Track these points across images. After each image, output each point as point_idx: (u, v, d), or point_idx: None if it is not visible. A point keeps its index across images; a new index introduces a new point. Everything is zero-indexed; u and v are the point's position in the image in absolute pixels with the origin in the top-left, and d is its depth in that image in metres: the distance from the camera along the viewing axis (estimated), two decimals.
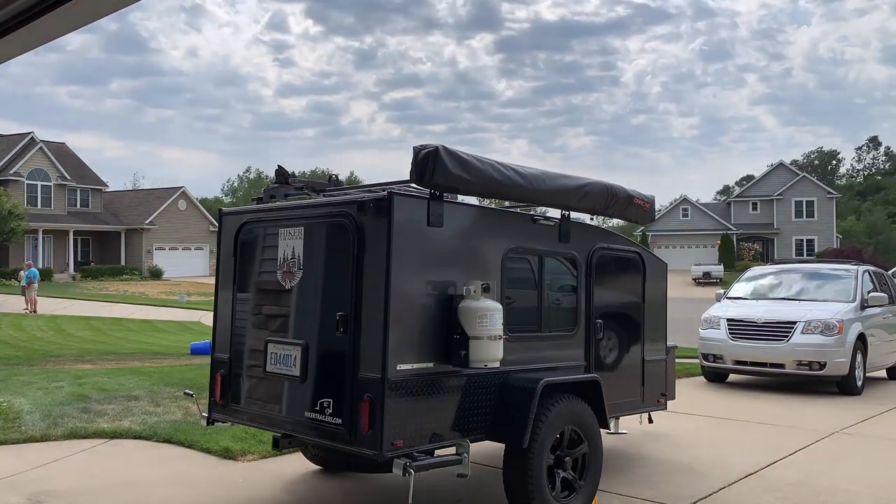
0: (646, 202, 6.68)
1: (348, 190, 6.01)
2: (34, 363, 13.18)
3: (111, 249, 52.60)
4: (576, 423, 5.37)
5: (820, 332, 10.82)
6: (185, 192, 56.75)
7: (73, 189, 50.29)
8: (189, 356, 14.68)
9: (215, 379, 5.69)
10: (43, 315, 26.05)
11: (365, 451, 4.56)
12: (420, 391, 4.68)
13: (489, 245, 5.22)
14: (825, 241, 64.58)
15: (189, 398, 7.75)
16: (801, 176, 68.54)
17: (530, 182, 5.40)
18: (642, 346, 6.74)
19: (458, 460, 4.72)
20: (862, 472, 6.74)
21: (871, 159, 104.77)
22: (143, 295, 38.76)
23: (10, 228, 40.51)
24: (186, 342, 17.52)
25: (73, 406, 8.29)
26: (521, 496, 4.99)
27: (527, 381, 5.14)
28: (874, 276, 12.61)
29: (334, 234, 4.94)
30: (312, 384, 4.92)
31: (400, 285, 4.59)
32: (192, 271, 54.26)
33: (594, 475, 5.48)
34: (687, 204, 69.50)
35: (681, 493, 5.97)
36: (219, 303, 5.82)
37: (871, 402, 10.45)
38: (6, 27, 3.12)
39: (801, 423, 8.77)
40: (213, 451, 6.83)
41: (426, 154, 4.73)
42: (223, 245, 5.83)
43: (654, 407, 6.97)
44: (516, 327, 5.36)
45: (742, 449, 7.46)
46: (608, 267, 6.37)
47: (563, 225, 5.88)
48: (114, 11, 3.11)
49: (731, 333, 11.42)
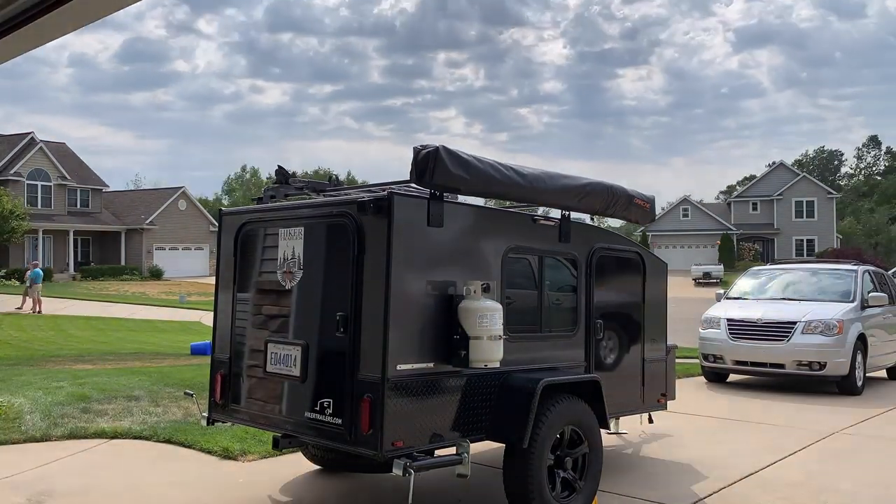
0: (646, 202, 6.68)
1: (348, 190, 6.01)
2: (34, 363, 13.19)
3: (111, 249, 52.58)
4: (576, 423, 5.37)
5: (820, 333, 10.82)
6: (185, 192, 56.73)
7: (73, 189, 50.26)
8: (189, 356, 14.68)
9: (215, 379, 5.69)
10: (43, 315, 26.05)
11: (365, 452, 4.56)
12: (420, 391, 4.68)
13: (489, 245, 5.22)
14: (825, 241, 64.57)
15: (189, 398, 7.75)
16: (802, 176, 68.55)
17: (530, 182, 5.40)
18: (642, 346, 6.74)
19: (458, 460, 4.72)
20: (862, 471, 6.74)
21: (871, 158, 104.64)
22: (143, 295, 38.75)
23: (10, 228, 40.53)
24: (186, 342, 17.52)
25: (73, 406, 8.29)
26: (522, 496, 4.98)
27: (527, 382, 5.14)
28: (874, 276, 12.61)
29: (334, 234, 4.94)
30: (312, 384, 4.92)
31: (400, 285, 4.59)
32: (192, 271, 54.23)
33: (594, 475, 5.48)
34: (687, 204, 69.54)
35: (681, 493, 5.97)
36: (219, 303, 5.82)
37: (871, 402, 10.45)
38: (6, 27, 3.12)
39: (801, 423, 8.77)
40: (213, 451, 6.83)
41: (426, 154, 4.73)
42: (223, 245, 5.83)
43: (654, 407, 6.97)
44: (516, 327, 5.36)
45: (742, 449, 7.46)
46: (608, 267, 6.37)
47: (563, 225, 5.88)
48: (114, 11, 3.12)
49: (731, 333, 11.41)
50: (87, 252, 51.84)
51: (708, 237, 66.07)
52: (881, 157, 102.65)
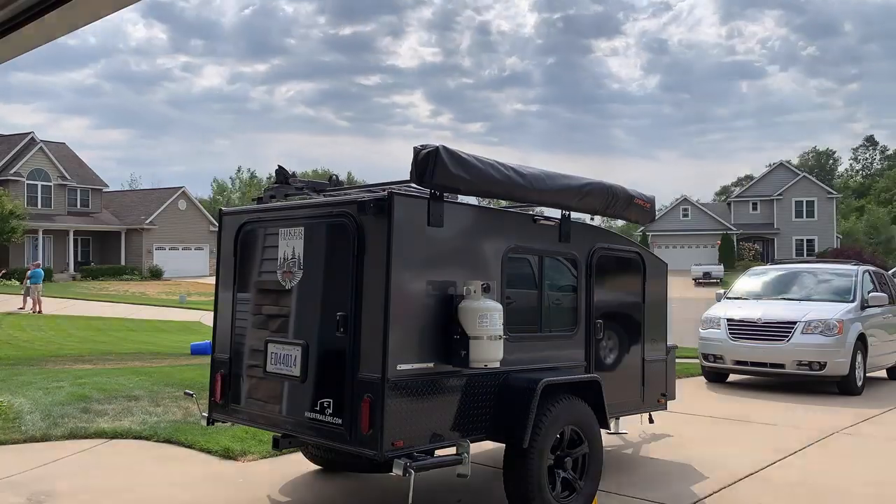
0: (646, 202, 6.68)
1: (348, 190, 6.01)
2: (34, 363, 13.19)
3: (111, 249, 52.58)
4: (576, 423, 5.37)
5: (820, 333, 10.82)
6: (185, 192, 56.73)
7: (73, 189, 50.26)
8: (189, 356, 14.69)
9: (215, 379, 5.69)
10: (43, 315, 26.05)
11: (365, 452, 4.56)
12: (420, 391, 4.68)
13: (489, 245, 5.22)
14: (825, 241, 64.58)
15: (189, 398, 7.75)
16: (802, 176, 68.52)
17: (531, 182, 5.40)
18: (642, 346, 6.74)
19: (459, 460, 4.71)
20: (862, 472, 6.74)
21: (867, 159, 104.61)
22: (143, 295, 38.74)
23: (10, 228, 40.52)
24: (186, 342, 17.51)
25: (73, 406, 8.30)
26: (522, 496, 4.98)
27: (527, 382, 5.14)
28: (874, 276, 12.61)
29: (334, 234, 4.94)
30: (312, 384, 4.92)
31: (400, 285, 4.59)
32: (192, 271, 54.23)
33: (594, 475, 5.48)
34: (687, 204, 69.51)
35: (681, 494, 5.97)
36: (219, 303, 5.82)
37: (871, 402, 10.45)
38: (6, 27, 3.13)
39: (801, 423, 8.77)
40: (213, 451, 6.83)
41: (426, 154, 4.73)
42: (223, 245, 5.83)
43: (654, 407, 6.97)
44: (516, 327, 5.35)
45: (742, 449, 7.46)
46: (608, 267, 6.36)
47: (563, 225, 5.88)
48: (113, 11, 3.12)
49: (731, 333, 11.42)
50: (87, 252, 51.83)
51: (708, 237, 66.05)
52: (877, 158, 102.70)
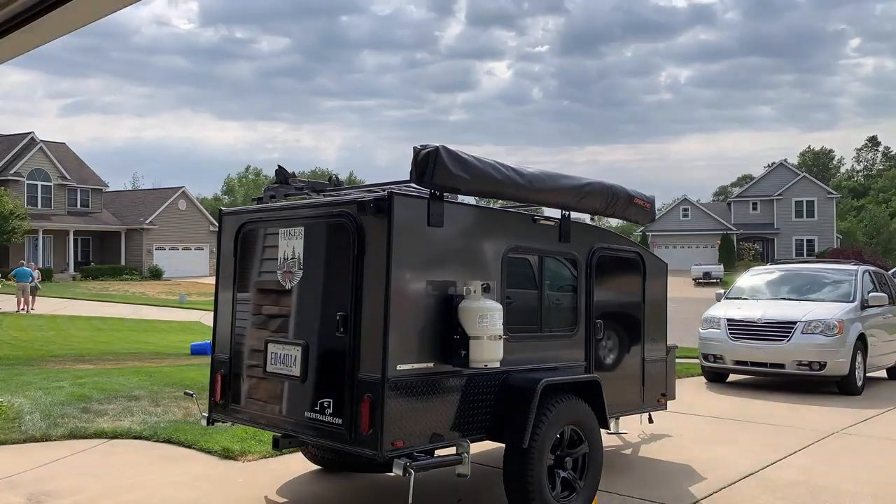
0: (646, 202, 6.69)
1: (348, 190, 6.01)
2: (34, 363, 13.19)
3: (111, 249, 52.58)
4: (576, 423, 5.37)
5: (820, 332, 10.81)
6: (185, 192, 56.73)
7: (73, 189, 50.25)
8: (189, 356, 14.70)
9: (215, 379, 5.69)
10: (43, 315, 26.03)
11: (365, 452, 4.56)
12: (420, 391, 4.68)
13: (489, 245, 5.22)
14: (825, 241, 64.58)
15: (189, 398, 7.75)
16: (801, 176, 68.53)
17: (530, 182, 5.40)
18: (642, 346, 6.74)
19: (459, 460, 4.72)
20: (862, 472, 6.73)
21: (870, 159, 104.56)
22: (143, 295, 38.74)
23: (10, 228, 40.51)
24: (186, 342, 17.52)
25: (73, 406, 8.30)
26: (522, 496, 4.98)
27: (527, 381, 5.14)
28: (874, 277, 12.61)
29: (334, 234, 4.94)
30: (312, 384, 4.92)
31: (400, 285, 4.59)
32: (192, 271, 54.22)
33: (594, 475, 5.48)
34: (687, 204, 69.51)
35: (681, 494, 5.96)
36: (219, 303, 5.82)
37: (871, 402, 10.45)
38: (6, 27, 3.13)
39: (801, 423, 8.76)
40: (213, 451, 6.83)
41: (426, 154, 4.73)
42: (223, 245, 5.83)
43: (654, 407, 6.97)
44: (516, 327, 5.35)
45: (742, 449, 7.46)
46: (608, 267, 6.36)
47: (563, 225, 5.88)
48: (113, 11, 3.12)
49: (731, 333, 11.41)
50: (87, 252, 51.84)
51: (708, 237, 66.03)
52: (879, 159, 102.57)
